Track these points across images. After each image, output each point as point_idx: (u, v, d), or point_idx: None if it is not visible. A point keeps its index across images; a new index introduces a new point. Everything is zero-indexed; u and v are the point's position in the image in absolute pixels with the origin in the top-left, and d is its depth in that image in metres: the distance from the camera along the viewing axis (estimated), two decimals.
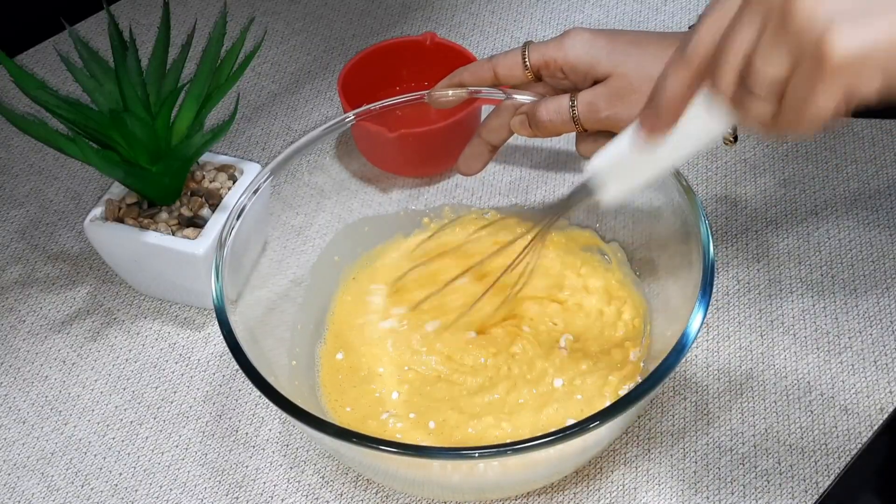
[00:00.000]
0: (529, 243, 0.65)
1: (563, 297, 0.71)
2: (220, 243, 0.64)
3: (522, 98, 0.70)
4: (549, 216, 0.63)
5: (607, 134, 0.67)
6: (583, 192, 0.59)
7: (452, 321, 0.69)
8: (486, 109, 0.81)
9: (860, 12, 0.45)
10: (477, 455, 0.55)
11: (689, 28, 0.68)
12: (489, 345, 0.69)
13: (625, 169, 0.57)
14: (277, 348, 0.67)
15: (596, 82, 0.67)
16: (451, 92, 0.72)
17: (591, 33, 0.67)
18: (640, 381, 0.64)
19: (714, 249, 0.61)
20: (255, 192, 0.68)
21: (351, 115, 0.72)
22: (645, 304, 0.70)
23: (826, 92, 0.45)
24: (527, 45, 0.70)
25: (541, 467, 0.61)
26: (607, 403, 0.60)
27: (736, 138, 0.68)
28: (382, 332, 0.71)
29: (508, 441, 0.55)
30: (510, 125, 0.71)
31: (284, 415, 0.70)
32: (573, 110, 0.67)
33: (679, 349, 0.57)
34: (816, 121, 0.47)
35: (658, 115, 0.53)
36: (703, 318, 0.58)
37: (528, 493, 0.65)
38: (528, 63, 0.69)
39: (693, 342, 0.57)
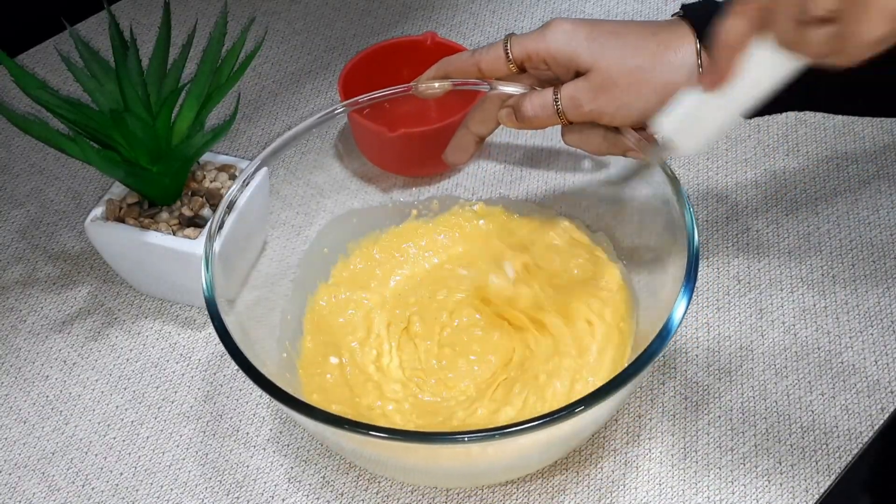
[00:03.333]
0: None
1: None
2: (210, 235, 0.64)
3: (509, 89, 0.71)
4: (625, 178, 0.65)
5: (592, 125, 0.68)
6: (659, 150, 0.61)
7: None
8: None
9: None
10: (466, 439, 0.55)
11: (673, 15, 0.68)
12: (478, 332, 0.70)
13: (695, 122, 0.59)
14: (268, 340, 0.67)
15: (578, 73, 0.67)
16: (437, 84, 0.73)
17: (572, 24, 0.67)
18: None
19: (699, 236, 0.61)
20: (245, 184, 0.68)
21: (340, 107, 0.72)
22: (625, 293, 0.70)
23: (873, 12, 0.48)
24: (508, 37, 0.70)
25: (532, 451, 0.61)
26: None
27: None
28: (369, 320, 0.72)
29: (496, 426, 0.55)
30: (497, 117, 0.71)
31: (284, 414, 0.70)
32: (557, 104, 0.67)
33: (663, 335, 0.57)
34: (867, 44, 0.49)
35: (720, 61, 0.55)
36: (688, 305, 0.58)
37: (527, 492, 0.65)
38: (510, 56, 0.69)
39: (677, 329, 0.57)
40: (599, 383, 0.61)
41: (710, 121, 0.59)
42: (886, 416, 0.68)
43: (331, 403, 0.66)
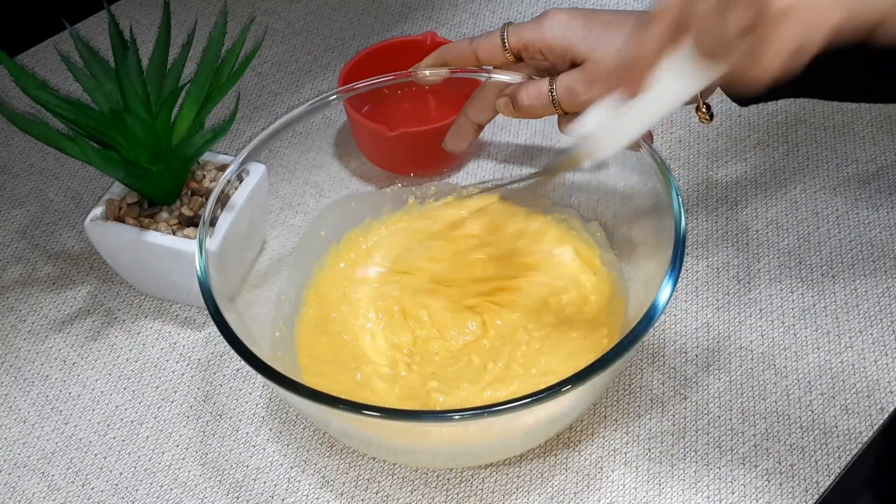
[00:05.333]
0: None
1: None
2: (203, 221, 0.65)
3: (506, 78, 0.71)
4: (538, 179, 0.64)
5: None
6: (571, 155, 0.61)
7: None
8: None
9: None
10: (458, 417, 0.55)
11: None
12: (469, 317, 0.71)
13: (610, 128, 0.59)
14: (261, 319, 0.67)
15: (574, 64, 0.68)
16: (428, 71, 0.73)
17: (569, 14, 0.68)
18: None
19: (686, 223, 0.61)
20: (240, 179, 0.69)
21: (333, 94, 0.72)
22: (615, 284, 0.71)
23: (773, 43, 0.49)
24: (506, 27, 0.71)
25: (518, 431, 0.62)
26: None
27: (711, 116, 0.69)
28: (362, 301, 0.72)
29: (484, 404, 0.56)
30: (495, 105, 0.71)
31: (283, 413, 0.70)
32: (552, 94, 0.68)
33: (647, 319, 0.58)
34: (771, 70, 0.50)
35: (634, 70, 0.55)
36: (674, 288, 0.59)
37: (526, 492, 0.65)
38: (507, 46, 0.70)
39: (662, 312, 0.58)
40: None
41: (624, 128, 0.59)
42: (886, 415, 0.68)
43: (324, 384, 0.66)
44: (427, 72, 0.73)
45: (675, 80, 0.55)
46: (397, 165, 0.80)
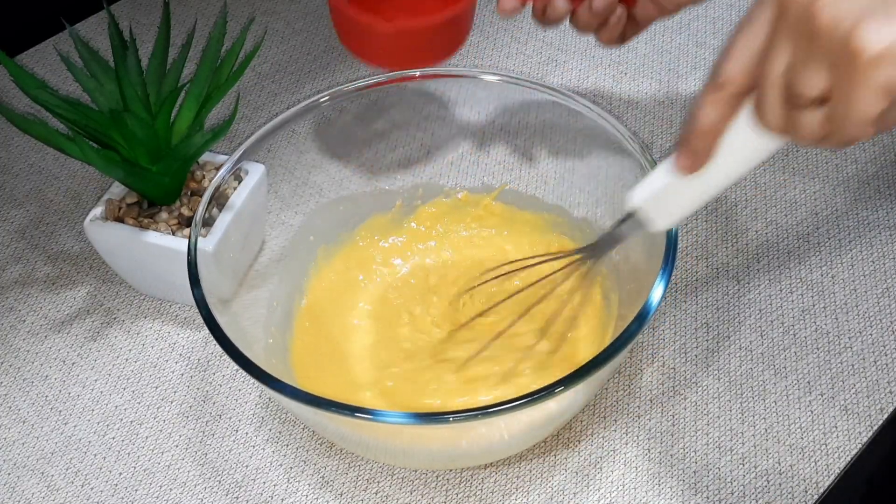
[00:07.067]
0: (569, 278, 0.64)
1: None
2: (194, 223, 0.65)
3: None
4: (594, 254, 0.62)
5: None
6: (628, 226, 0.59)
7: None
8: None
9: (891, 3, 0.43)
10: (451, 419, 0.56)
11: None
12: (465, 321, 0.70)
13: (670, 198, 0.56)
14: (258, 320, 0.67)
15: None
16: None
17: None
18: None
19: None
20: (238, 179, 0.69)
21: (326, 96, 0.71)
22: (609, 285, 0.70)
23: (867, 89, 0.44)
24: None
25: (513, 432, 0.62)
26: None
27: None
28: (355, 303, 0.72)
29: (478, 406, 0.56)
30: None
31: (283, 413, 0.70)
32: None
33: (640, 319, 0.58)
34: (864, 123, 0.45)
35: (695, 146, 0.52)
36: (665, 289, 0.59)
37: (526, 490, 0.65)
38: None
39: (654, 312, 0.58)
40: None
41: (685, 200, 0.56)
42: (885, 416, 0.68)
43: (318, 386, 0.66)
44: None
45: (740, 152, 0.52)
46: (392, 61, 0.75)
